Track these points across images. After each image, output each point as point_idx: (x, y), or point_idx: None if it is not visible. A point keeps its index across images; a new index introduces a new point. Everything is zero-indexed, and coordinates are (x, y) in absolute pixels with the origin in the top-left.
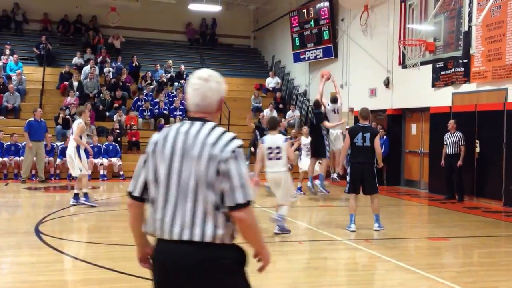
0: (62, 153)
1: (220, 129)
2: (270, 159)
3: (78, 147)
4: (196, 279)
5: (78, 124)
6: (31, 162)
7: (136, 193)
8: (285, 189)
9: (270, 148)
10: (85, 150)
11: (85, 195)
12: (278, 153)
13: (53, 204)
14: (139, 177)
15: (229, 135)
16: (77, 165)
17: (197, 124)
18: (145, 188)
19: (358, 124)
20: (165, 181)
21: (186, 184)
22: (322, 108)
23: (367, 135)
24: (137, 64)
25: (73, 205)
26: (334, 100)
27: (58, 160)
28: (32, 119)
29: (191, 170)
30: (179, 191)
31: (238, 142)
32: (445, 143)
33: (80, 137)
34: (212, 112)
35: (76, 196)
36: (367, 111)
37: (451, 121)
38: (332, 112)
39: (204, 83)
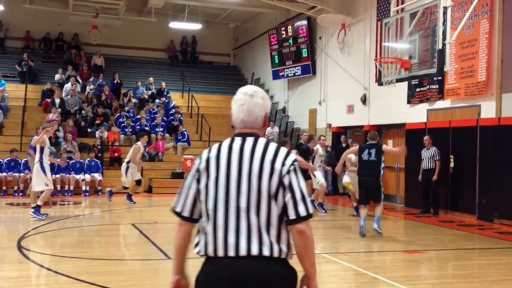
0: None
1: (274, 144)
2: None
3: (41, 163)
4: None
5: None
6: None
7: (186, 214)
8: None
9: None
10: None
11: (37, 207)
12: None
13: (35, 220)
14: (188, 196)
15: (284, 149)
16: (42, 180)
17: (250, 139)
18: (193, 207)
19: (366, 142)
20: (224, 198)
21: (247, 200)
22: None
23: (373, 150)
24: (119, 81)
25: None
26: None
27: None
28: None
29: (253, 185)
30: (240, 207)
31: (294, 156)
32: (422, 158)
33: (42, 150)
34: (259, 127)
35: (37, 209)
36: (375, 133)
37: (426, 137)
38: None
39: (249, 98)
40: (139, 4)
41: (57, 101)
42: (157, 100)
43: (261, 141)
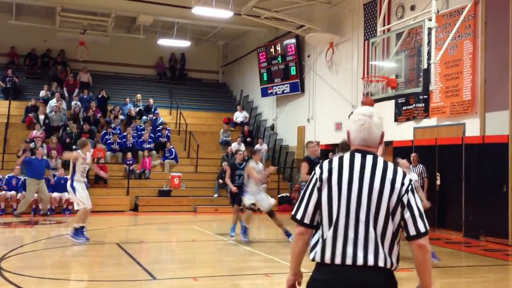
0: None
1: (391, 164)
2: None
3: (72, 182)
4: None
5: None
6: (30, 200)
7: (307, 221)
8: None
9: None
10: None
11: (76, 230)
12: None
13: (15, 240)
14: (309, 204)
15: (401, 170)
16: (75, 199)
17: (370, 157)
18: (314, 214)
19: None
20: (346, 209)
21: (367, 213)
22: None
23: None
24: (105, 96)
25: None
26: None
27: (19, 195)
28: (34, 157)
29: (373, 201)
30: (359, 219)
31: (410, 176)
32: None
33: (74, 167)
34: (376, 145)
35: (75, 231)
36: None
37: (413, 154)
38: None
39: (368, 119)
40: (128, 21)
41: (41, 117)
42: (144, 117)
43: (381, 160)
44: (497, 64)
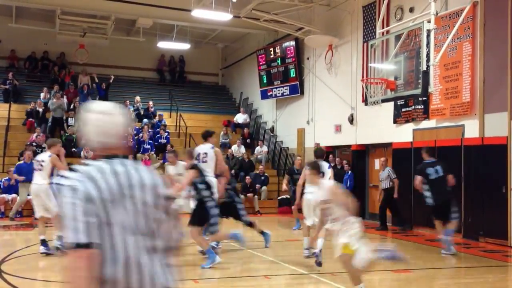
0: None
1: (142, 165)
2: None
3: (52, 184)
4: None
5: (48, 157)
6: (22, 202)
7: (95, 238)
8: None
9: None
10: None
11: (60, 238)
12: None
13: (16, 243)
14: (88, 222)
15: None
16: (54, 203)
17: (126, 162)
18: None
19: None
20: (132, 235)
21: (143, 227)
22: None
23: (438, 167)
24: (111, 80)
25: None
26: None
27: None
28: (22, 161)
29: (149, 215)
30: (146, 242)
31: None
32: (380, 180)
33: (52, 172)
34: (122, 147)
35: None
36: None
37: (382, 159)
38: None
39: (107, 117)
40: (127, 23)
41: (40, 110)
42: (145, 120)
43: (138, 165)
44: (496, 65)
